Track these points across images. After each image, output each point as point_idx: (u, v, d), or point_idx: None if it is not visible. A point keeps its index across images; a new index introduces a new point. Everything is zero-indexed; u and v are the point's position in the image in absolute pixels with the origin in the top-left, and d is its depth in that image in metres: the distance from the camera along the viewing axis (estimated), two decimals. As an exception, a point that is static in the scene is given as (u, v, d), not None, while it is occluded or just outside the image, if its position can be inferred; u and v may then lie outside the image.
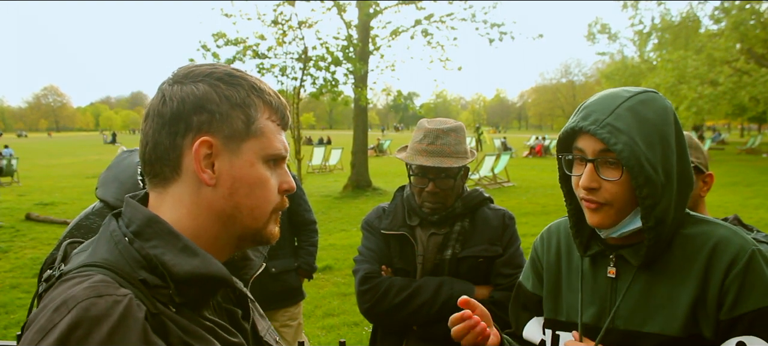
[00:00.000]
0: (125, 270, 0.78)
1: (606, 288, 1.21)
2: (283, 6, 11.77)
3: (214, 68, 0.88)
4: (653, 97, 1.14)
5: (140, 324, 0.70)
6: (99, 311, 0.69)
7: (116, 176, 1.60)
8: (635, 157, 1.06)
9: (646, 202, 1.08)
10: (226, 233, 0.88)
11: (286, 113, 0.93)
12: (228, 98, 0.86)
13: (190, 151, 0.84)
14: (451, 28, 15.32)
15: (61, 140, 67.13)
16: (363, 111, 15.20)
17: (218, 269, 0.84)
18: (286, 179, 0.92)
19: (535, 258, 1.42)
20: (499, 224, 2.05)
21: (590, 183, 1.12)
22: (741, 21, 21.04)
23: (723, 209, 9.73)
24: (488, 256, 2.00)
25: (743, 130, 55.37)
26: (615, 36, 32.05)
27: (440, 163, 1.91)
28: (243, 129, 0.86)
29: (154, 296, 0.77)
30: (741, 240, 1.10)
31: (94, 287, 0.72)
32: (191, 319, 0.81)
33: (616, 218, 1.14)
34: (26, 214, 10.76)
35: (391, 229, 2.06)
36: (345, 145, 21.26)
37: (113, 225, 0.84)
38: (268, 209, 0.89)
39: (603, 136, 1.08)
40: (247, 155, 0.87)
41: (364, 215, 2.24)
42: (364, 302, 1.99)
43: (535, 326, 1.39)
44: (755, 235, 1.69)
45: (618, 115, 1.09)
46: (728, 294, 1.07)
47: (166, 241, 0.82)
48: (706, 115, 23.84)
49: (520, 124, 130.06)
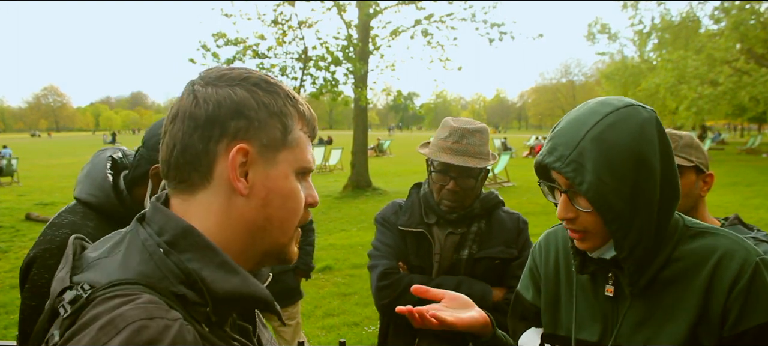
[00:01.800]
0: (163, 285, 0.73)
1: (606, 305, 1.19)
2: (283, 6, 11.79)
3: (249, 73, 0.85)
4: (626, 114, 1.06)
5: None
6: (150, 335, 0.64)
7: (88, 173, 1.63)
8: (601, 196, 1.04)
9: (616, 234, 1.06)
10: (253, 246, 0.84)
11: (315, 125, 0.91)
12: (266, 105, 0.82)
13: (225, 157, 0.79)
14: (451, 28, 15.32)
15: (61, 140, 67.11)
16: (363, 111, 15.20)
17: (258, 290, 0.80)
18: (311, 192, 0.90)
19: (533, 267, 1.39)
20: (514, 227, 2.07)
21: (565, 214, 1.12)
22: (741, 21, 21.03)
23: (723, 209, 9.72)
24: (504, 258, 2.01)
25: (743, 130, 55.37)
26: (615, 36, 32.06)
27: (464, 163, 1.91)
28: (280, 138, 0.83)
29: (191, 311, 0.73)
30: (744, 252, 1.07)
31: (145, 309, 0.67)
32: (221, 338, 0.78)
33: (600, 242, 1.13)
34: (26, 214, 10.76)
35: (409, 226, 2.06)
36: (345, 145, 21.26)
37: (143, 233, 0.78)
38: (295, 223, 0.87)
39: (567, 174, 1.06)
40: (282, 166, 0.84)
41: (364, 215, 2.23)
42: (383, 298, 1.99)
43: (532, 337, 1.37)
44: (756, 234, 1.69)
45: (582, 149, 1.05)
46: (732, 310, 1.04)
47: (203, 254, 0.76)
48: (706, 115, 23.81)
49: (520, 124, 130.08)
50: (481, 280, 2.00)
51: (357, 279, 6.51)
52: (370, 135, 22.38)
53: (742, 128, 56.35)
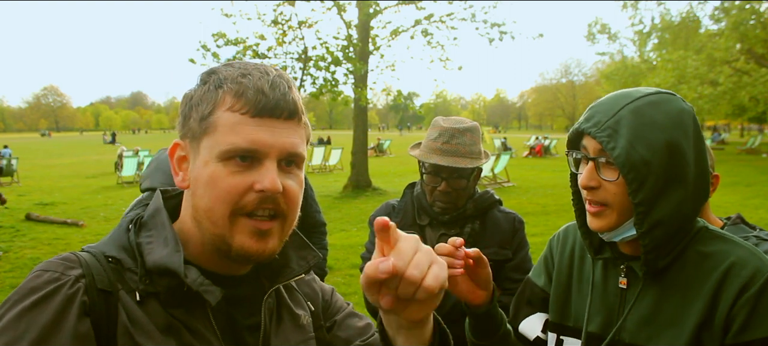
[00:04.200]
0: (109, 252, 0.84)
1: (615, 298, 1.18)
2: (283, 6, 11.78)
3: (209, 68, 0.87)
4: (667, 99, 1.09)
5: (62, 301, 0.75)
6: (36, 282, 0.77)
7: (157, 166, 1.71)
8: (631, 162, 1.03)
9: (639, 208, 1.05)
10: (202, 237, 0.86)
11: (259, 97, 0.81)
12: (191, 98, 0.85)
13: None
14: (451, 28, 15.31)
15: (61, 140, 67.08)
16: (363, 111, 15.20)
17: (171, 262, 0.81)
18: (258, 177, 0.80)
19: (548, 256, 1.39)
20: (509, 227, 2.03)
21: (589, 182, 1.11)
22: (741, 21, 21.03)
23: (723, 209, 9.71)
24: (498, 259, 1.98)
25: (743, 130, 55.34)
26: (615, 36, 32.06)
27: (454, 163, 1.88)
28: (197, 127, 0.83)
29: (127, 280, 0.82)
30: (758, 262, 1.04)
31: (49, 262, 0.80)
32: (154, 312, 0.81)
33: (616, 221, 1.10)
34: (26, 214, 10.75)
35: (400, 227, 2.02)
36: (345, 146, 21.24)
37: (132, 213, 0.91)
38: (222, 211, 0.81)
39: (601, 139, 1.06)
40: (202, 154, 0.82)
41: (364, 215, 2.23)
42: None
43: (535, 322, 1.36)
44: (758, 233, 1.69)
45: (620, 117, 1.06)
46: (737, 318, 1.02)
47: (158, 231, 0.86)
48: (706, 115, 23.82)
49: (520, 124, 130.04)
50: None
51: (357, 279, 6.51)
52: (371, 135, 22.35)
53: (742, 128, 56.32)
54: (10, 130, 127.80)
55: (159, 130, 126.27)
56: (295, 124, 0.84)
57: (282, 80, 0.83)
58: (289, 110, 0.83)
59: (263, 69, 0.84)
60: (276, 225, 0.85)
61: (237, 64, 0.85)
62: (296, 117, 0.84)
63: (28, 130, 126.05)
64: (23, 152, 28.53)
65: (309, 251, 0.99)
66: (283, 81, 0.84)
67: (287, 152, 0.83)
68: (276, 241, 0.85)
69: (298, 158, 0.85)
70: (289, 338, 0.94)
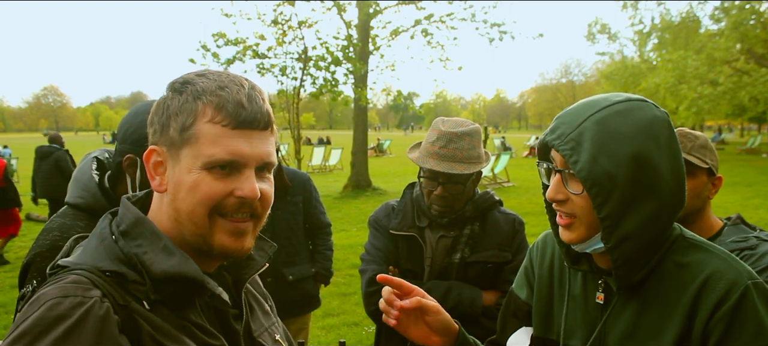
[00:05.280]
0: (103, 266, 0.83)
1: (595, 313, 1.16)
2: (283, 6, 11.76)
3: (180, 78, 0.91)
4: (636, 106, 1.04)
5: (97, 323, 0.75)
6: (60, 311, 0.74)
7: (76, 178, 1.67)
8: (593, 177, 1.00)
9: (606, 222, 1.02)
10: (183, 237, 0.90)
11: (239, 111, 0.86)
12: (168, 108, 0.89)
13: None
14: (451, 28, 15.33)
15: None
16: (363, 111, 15.19)
17: (191, 270, 0.86)
18: (239, 185, 0.87)
19: (529, 267, 1.37)
20: (509, 229, 2.02)
21: (555, 195, 1.08)
22: (741, 21, 21.04)
23: (723, 209, 9.72)
24: (497, 262, 1.97)
25: (743, 130, 55.34)
26: (615, 36, 32.08)
27: (450, 169, 1.86)
28: (177, 137, 0.87)
29: (132, 291, 0.83)
30: (734, 274, 1.01)
31: (63, 288, 0.78)
32: (166, 317, 0.84)
33: (585, 234, 1.07)
34: (26, 214, 10.75)
35: (400, 229, 2.03)
36: (345, 146, 21.24)
37: (104, 223, 0.91)
38: (202, 213, 0.87)
39: (564, 152, 1.03)
40: (184, 162, 0.87)
41: (363, 214, 2.23)
42: (371, 305, 1.97)
43: (522, 336, 1.35)
44: (758, 233, 1.69)
45: (583, 129, 1.02)
46: (713, 333, 0.99)
47: (150, 241, 0.87)
48: (706, 115, 23.80)
49: (520, 124, 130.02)
50: (473, 284, 1.97)
51: (357, 279, 6.51)
52: (371, 135, 22.33)
53: (741, 128, 56.31)
54: (10, 130, 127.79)
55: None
56: (269, 134, 0.92)
57: (256, 93, 0.90)
58: (265, 122, 0.90)
59: (238, 81, 0.90)
60: (251, 225, 0.93)
61: (211, 76, 0.90)
62: (270, 127, 0.92)
63: (28, 130, 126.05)
64: (23, 152, 28.48)
65: (265, 243, 1.07)
66: (257, 93, 0.90)
67: (263, 161, 0.90)
68: (251, 239, 0.94)
69: (271, 165, 0.93)
70: (262, 323, 1.05)
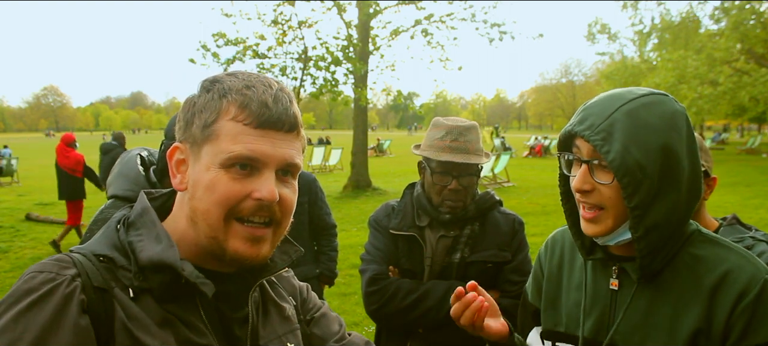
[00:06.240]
0: (99, 251, 0.86)
1: (607, 300, 1.17)
2: (283, 6, 11.78)
3: (211, 77, 0.91)
4: (660, 100, 1.07)
5: (60, 300, 0.77)
6: (32, 284, 0.78)
7: (120, 172, 1.75)
8: (626, 166, 1.02)
9: (635, 212, 1.04)
10: (197, 238, 0.89)
11: (263, 110, 0.85)
12: (194, 105, 0.89)
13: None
14: (451, 28, 15.31)
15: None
16: (363, 111, 15.19)
17: (168, 257, 0.84)
18: (256, 186, 0.85)
19: (538, 268, 1.39)
20: (509, 229, 2.02)
21: (583, 185, 1.09)
22: (741, 21, 21.04)
23: (723, 209, 9.71)
24: (497, 262, 1.98)
25: (743, 130, 55.31)
26: (615, 36, 32.07)
27: (466, 160, 1.89)
28: (199, 134, 0.87)
29: (120, 277, 0.84)
30: (753, 269, 1.04)
31: (44, 264, 0.81)
32: (149, 308, 0.83)
33: (612, 225, 1.09)
34: (26, 214, 10.77)
35: (400, 229, 2.03)
36: (345, 146, 21.24)
37: (118, 214, 0.93)
38: (217, 214, 0.85)
39: (596, 142, 1.05)
40: (204, 159, 0.86)
41: (364, 215, 2.24)
42: (371, 304, 1.97)
43: (534, 336, 1.37)
44: (754, 233, 1.69)
45: (614, 119, 1.05)
46: (736, 326, 1.02)
47: (148, 229, 0.88)
48: (706, 115, 23.82)
49: (520, 124, 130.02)
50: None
51: (357, 279, 6.51)
52: (370, 135, 22.30)
53: (741, 128, 56.30)
54: (10, 130, 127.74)
55: (159, 130, 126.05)
56: (294, 137, 0.89)
57: (284, 95, 0.88)
58: (290, 124, 0.88)
59: (267, 82, 0.89)
60: (270, 231, 0.90)
61: (241, 75, 0.89)
62: (296, 130, 0.89)
63: (28, 130, 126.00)
64: (23, 152, 28.51)
65: (291, 246, 1.04)
66: (285, 95, 0.88)
67: (285, 163, 0.88)
68: (269, 246, 0.90)
69: (294, 168, 0.90)
70: (276, 330, 1.00)
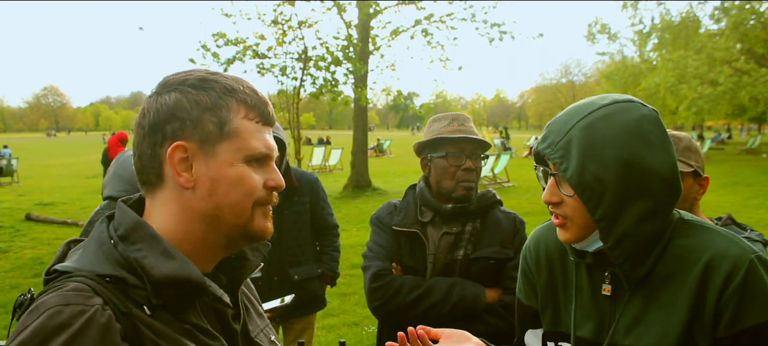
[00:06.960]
0: (103, 271, 0.83)
1: (605, 304, 1.18)
2: (283, 6, 11.77)
3: (187, 75, 0.92)
4: (623, 108, 1.07)
5: (99, 332, 0.74)
6: (61, 319, 0.74)
7: (115, 172, 1.71)
8: (583, 182, 1.05)
9: (601, 223, 1.06)
10: (213, 233, 0.91)
11: (265, 109, 0.94)
12: (198, 103, 0.89)
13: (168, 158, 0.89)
14: (451, 28, 15.31)
15: (61, 140, 67.09)
16: (363, 111, 15.20)
17: (193, 273, 0.86)
18: (273, 176, 0.95)
19: (527, 270, 1.39)
20: (510, 227, 2.06)
21: (551, 197, 1.14)
22: (741, 21, 21.03)
23: (722, 209, 9.68)
24: (499, 258, 2.00)
25: (747, 130, 55.31)
26: (615, 36, 32.02)
27: (479, 136, 2.02)
28: (215, 131, 0.89)
29: (133, 296, 0.83)
30: (738, 250, 1.05)
31: (64, 296, 0.77)
32: (168, 322, 0.84)
33: (579, 234, 1.12)
34: (26, 214, 10.77)
35: (402, 226, 2.06)
36: (345, 146, 21.26)
37: (102, 228, 0.90)
38: (248, 204, 0.91)
39: (555, 160, 1.09)
40: (223, 156, 0.89)
41: (364, 215, 2.25)
42: (374, 300, 1.99)
43: (532, 337, 1.37)
44: (749, 233, 1.70)
45: (571, 136, 1.07)
46: (726, 311, 1.02)
47: (149, 244, 0.86)
48: (706, 115, 23.80)
49: (520, 124, 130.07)
50: (475, 281, 1.99)
51: (357, 279, 6.51)
52: (369, 135, 22.31)
53: (746, 128, 56.30)
54: (10, 130, 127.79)
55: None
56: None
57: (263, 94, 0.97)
58: (274, 119, 0.98)
59: (249, 83, 0.95)
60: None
61: (229, 76, 0.94)
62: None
63: (28, 130, 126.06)
64: (23, 152, 28.54)
65: (260, 243, 1.08)
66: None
67: (275, 154, 0.97)
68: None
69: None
70: (258, 325, 1.06)
